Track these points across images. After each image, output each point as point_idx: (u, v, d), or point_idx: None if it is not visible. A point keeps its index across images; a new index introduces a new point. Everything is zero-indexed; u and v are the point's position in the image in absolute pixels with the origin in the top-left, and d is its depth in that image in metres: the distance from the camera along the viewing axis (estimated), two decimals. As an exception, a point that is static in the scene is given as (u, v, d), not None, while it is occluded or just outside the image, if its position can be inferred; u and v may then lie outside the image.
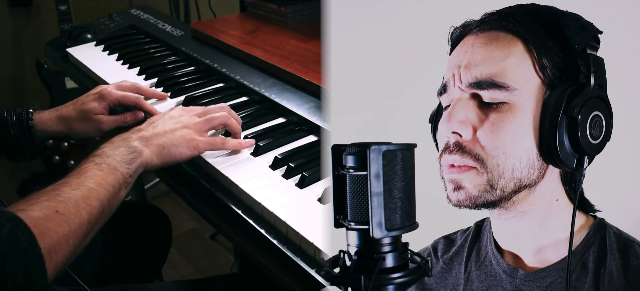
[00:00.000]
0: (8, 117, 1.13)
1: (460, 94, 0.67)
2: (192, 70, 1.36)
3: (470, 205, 0.66)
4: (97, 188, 0.79)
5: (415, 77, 0.86)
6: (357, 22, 0.89)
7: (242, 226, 0.87)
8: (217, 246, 2.33)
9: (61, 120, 1.13)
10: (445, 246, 0.79)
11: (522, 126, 0.64)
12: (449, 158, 0.67)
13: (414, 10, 0.87)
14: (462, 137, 0.66)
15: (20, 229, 0.67)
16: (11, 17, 2.82)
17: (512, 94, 0.64)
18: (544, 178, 0.66)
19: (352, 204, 0.58)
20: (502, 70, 0.65)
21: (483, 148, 0.65)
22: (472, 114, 0.66)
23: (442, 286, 0.76)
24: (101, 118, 1.12)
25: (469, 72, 0.66)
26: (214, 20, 1.69)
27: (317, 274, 0.74)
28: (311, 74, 1.17)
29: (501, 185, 0.65)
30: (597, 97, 0.63)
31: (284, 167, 0.94)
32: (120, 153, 0.86)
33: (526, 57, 0.65)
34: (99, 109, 1.12)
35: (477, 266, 0.74)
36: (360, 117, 0.88)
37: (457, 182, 0.67)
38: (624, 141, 0.72)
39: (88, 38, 1.58)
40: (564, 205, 0.69)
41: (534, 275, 0.68)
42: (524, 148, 0.65)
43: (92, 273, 1.16)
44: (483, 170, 0.65)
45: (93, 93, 1.14)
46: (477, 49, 0.67)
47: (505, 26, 0.66)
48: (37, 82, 2.40)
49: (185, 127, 0.96)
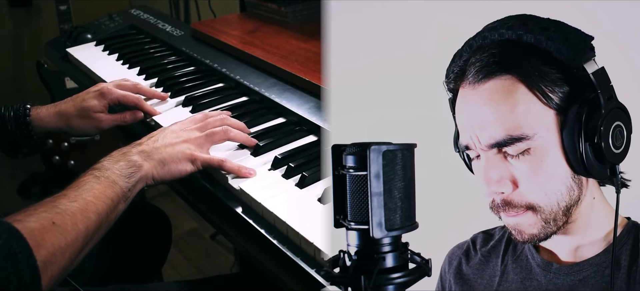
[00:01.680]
0: (5, 113, 1.12)
1: (486, 153, 0.67)
2: (192, 70, 1.36)
3: (537, 241, 0.69)
4: (95, 201, 0.78)
5: (416, 76, 0.86)
6: (357, 22, 0.89)
7: (242, 226, 0.87)
8: (217, 246, 2.33)
9: (60, 116, 1.12)
10: (484, 240, 0.81)
11: (553, 163, 0.65)
12: (505, 215, 0.68)
13: (414, 10, 0.87)
14: (504, 193, 0.67)
15: (16, 240, 0.66)
16: (11, 17, 2.82)
17: (532, 140, 0.65)
18: (584, 188, 0.68)
19: (352, 204, 0.58)
20: (515, 122, 0.65)
21: (527, 198, 0.66)
22: (505, 170, 0.66)
23: (479, 278, 0.78)
24: (101, 116, 1.11)
25: (484, 134, 0.66)
26: (214, 20, 1.69)
27: (317, 274, 0.74)
28: (311, 74, 1.17)
29: (553, 218, 0.67)
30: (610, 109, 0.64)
31: (284, 167, 0.94)
32: (119, 167, 0.85)
33: (531, 96, 0.64)
34: (98, 107, 1.11)
35: (513, 260, 0.76)
36: (360, 117, 0.88)
37: (517, 228, 0.69)
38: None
39: (88, 38, 1.58)
40: (600, 202, 0.70)
41: (569, 269, 0.70)
42: (560, 180, 0.66)
43: (92, 273, 1.16)
44: (538, 211, 0.67)
45: (93, 91, 1.13)
46: (481, 107, 0.66)
47: (498, 70, 0.65)
48: (37, 82, 2.40)
49: (186, 141, 0.94)
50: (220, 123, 1.01)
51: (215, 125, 1.00)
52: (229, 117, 1.05)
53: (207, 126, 0.99)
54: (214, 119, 1.02)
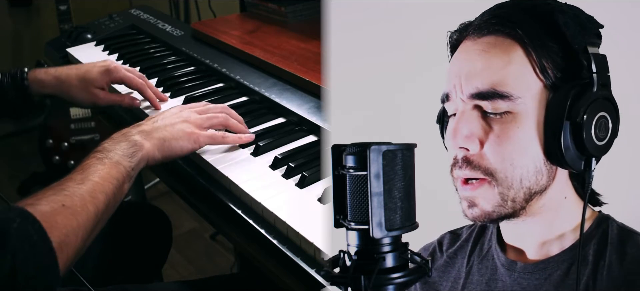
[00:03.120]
0: (3, 79, 1.12)
1: (463, 106, 0.66)
2: (192, 70, 1.36)
3: (487, 220, 0.66)
4: (101, 182, 0.79)
5: (416, 76, 0.86)
6: (357, 22, 0.89)
7: (242, 226, 0.87)
8: (217, 246, 2.33)
9: (59, 81, 1.12)
10: (451, 240, 0.79)
11: (527, 135, 0.63)
12: (460, 173, 0.66)
13: (414, 10, 0.87)
14: (469, 151, 0.65)
15: (30, 223, 0.66)
16: (11, 17, 2.82)
17: (515, 103, 0.63)
18: (553, 180, 0.66)
19: (352, 204, 0.58)
20: (503, 79, 0.64)
21: (491, 162, 0.64)
22: (477, 127, 0.65)
23: (444, 280, 0.76)
24: (99, 92, 1.12)
25: (469, 83, 0.65)
26: (214, 20, 1.69)
27: (317, 274, 0.74)
28: (311, 74, 1.17)
29: (512, 196, 0.64)
30: (602, 97, 0.62)
31: (284, 167, 0.94)
32: (121, 147, 0.86)
33: (526, 61, 0.64)
34: (100, 83, 1.11)
35: (479, 260, 0.74)
36: (360, 117, 0.88)
37: (470, 199, 0.66)
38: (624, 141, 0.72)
39: (88, 38, 1.58)
40: (571, 201, 0.68)
41: (534, 268, 0.68)
42: (530, 156, 0.64)
43: (92, 274, 1.16)
44: (495, 183, 0.65)
45: (100, 65, 1.13)
46: (475, 56, 0.66)
47: (503, 30, 0.65)
48: (37, 82, 2.39)
49: (186, 121, 0.96)
50: (221, 110, 1.03)
51: (216, 111, 1.02)
52: (230, 109, 1.06)
53: (208, 111, 1.01)
54: (215, 106, 1.04)
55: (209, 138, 0.96)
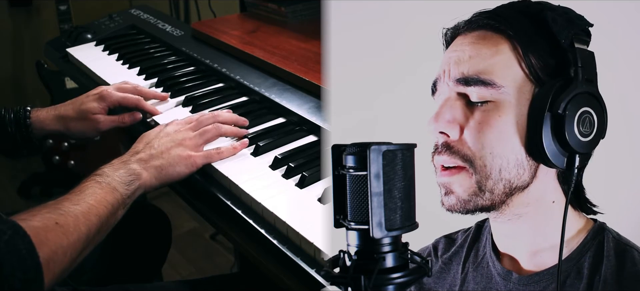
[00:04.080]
0: (6, 115, 1.13)
1: (449, 92, 0.67)
2: (192, 70, 1.36)
3: (462, 210, 0.66)
4: (96, 205, 0.81)
5: (416, 77, 0.86)
6: (357, 22, 0.89)
7: (242, 226, 0.87)
8: (217, 246, 2.33)
9: (59, 119, 1.13)
10: (446, 245, 0.79)
11: (508, 125, 0.63)
12: (439, 159, 0.66)
13: (414, 10, 0.87)
14: (449, 137, 0.65)
15: (20, 236, 0.68)
16: (11, 17, 2.82)
17: (498, 92, 0.64)
18: (536, 178, 0.65)
19: (352, 204, 0.58)
20: (489, 67, 0.64)
21: (470, 148, 0.64)
22: (459, 113, 0.65)
23: (439, 286, 0.76)
24: (99, 118, 1.12)
25: (456, 68, 0.66)
26: (214, 20, 1.69)
27: (317, 274, 0.74)
28: (311, 74, 1.17)
29: (489, 187, 0.64)
30: (586, 92, 0.62)
31: (284, 167, 0.94)
32: (119, 174, 0.88)
33: (513, 55, 0.64)
34: (97, 109, 1.12)
35: (474, 267, 0.74)
36: (360, 117, 0.88)
37: (447, 185, 0.66)
38: (624, 141, 0.72)
39: (88, 38, 1.58)
40: (561, 207, 0.66)
41: (528, 279, 0.67)
42: (511, 147, 0.64)
43: (93, 273, 1.16)
44: (472, 171, 0.64)
45: (93, 94, 1.14)
46: (465, 47, 0.67)
47: (492, 25, 0.66)
48: (37, 82, 2.40)
49: (181, 144, 0.96)
50: (212, 120, 1.03)
51: (207, 123, 1.02)
52: (221, 114, 1.06)
53: (200, 124, 1.01)
54: (206, 117, 1.04)
55: (204, 159, 0.96)
